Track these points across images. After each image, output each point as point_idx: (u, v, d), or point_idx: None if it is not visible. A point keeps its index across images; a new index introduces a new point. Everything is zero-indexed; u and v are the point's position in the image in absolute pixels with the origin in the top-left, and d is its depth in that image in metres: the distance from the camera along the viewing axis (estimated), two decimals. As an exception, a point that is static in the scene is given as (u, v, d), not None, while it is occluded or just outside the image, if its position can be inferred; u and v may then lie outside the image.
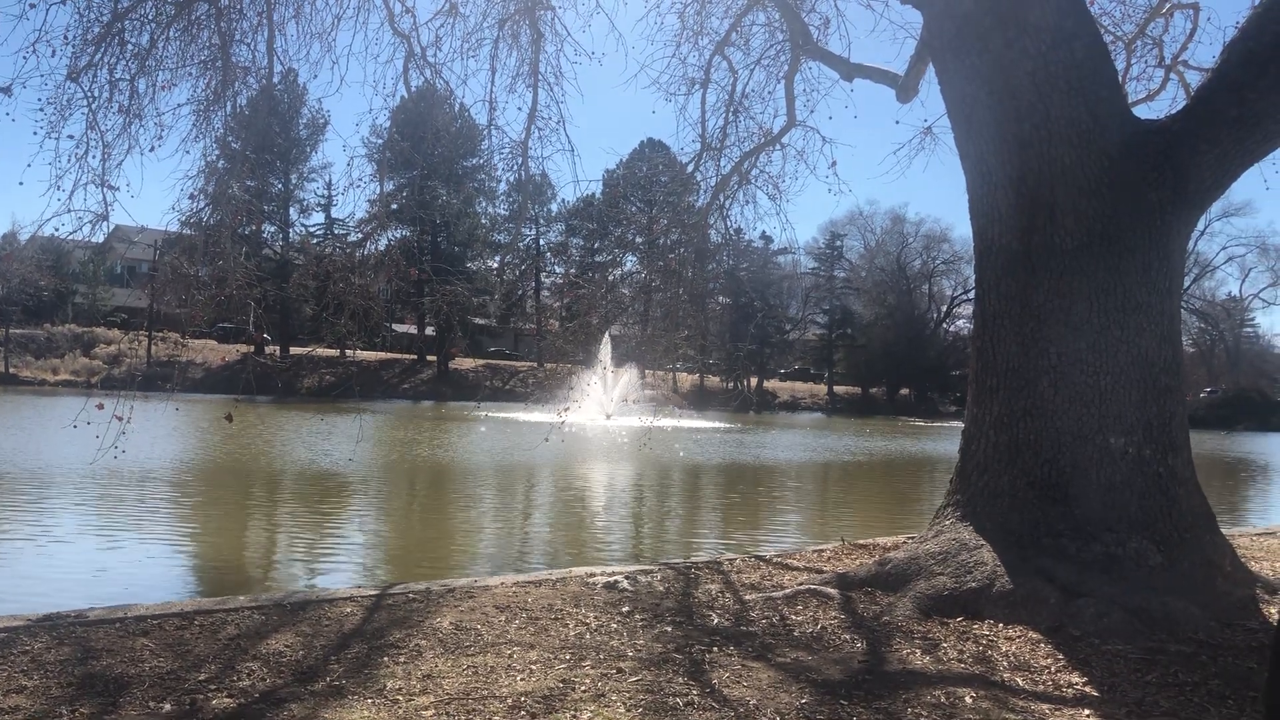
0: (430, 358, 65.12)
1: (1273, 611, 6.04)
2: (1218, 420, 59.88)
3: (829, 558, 8.12)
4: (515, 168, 11.12)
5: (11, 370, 53.79)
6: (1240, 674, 4.89)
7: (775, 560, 7.94)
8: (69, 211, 8.62)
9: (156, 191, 10.39)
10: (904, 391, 77.23)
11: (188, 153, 9.91)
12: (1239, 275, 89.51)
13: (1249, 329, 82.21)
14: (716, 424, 41.57)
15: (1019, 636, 5.42)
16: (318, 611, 5.90)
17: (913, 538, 7.65)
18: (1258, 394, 71.37)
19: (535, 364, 65.18)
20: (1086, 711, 4.37)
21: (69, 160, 8.70)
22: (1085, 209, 6.48)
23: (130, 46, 8.96)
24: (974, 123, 6.95)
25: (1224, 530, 6.88)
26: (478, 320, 65.94)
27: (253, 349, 54.41)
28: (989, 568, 5.97)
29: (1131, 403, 6.31)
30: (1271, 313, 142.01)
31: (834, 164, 11.62)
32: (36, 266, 51.91)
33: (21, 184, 10.04)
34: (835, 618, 5.88)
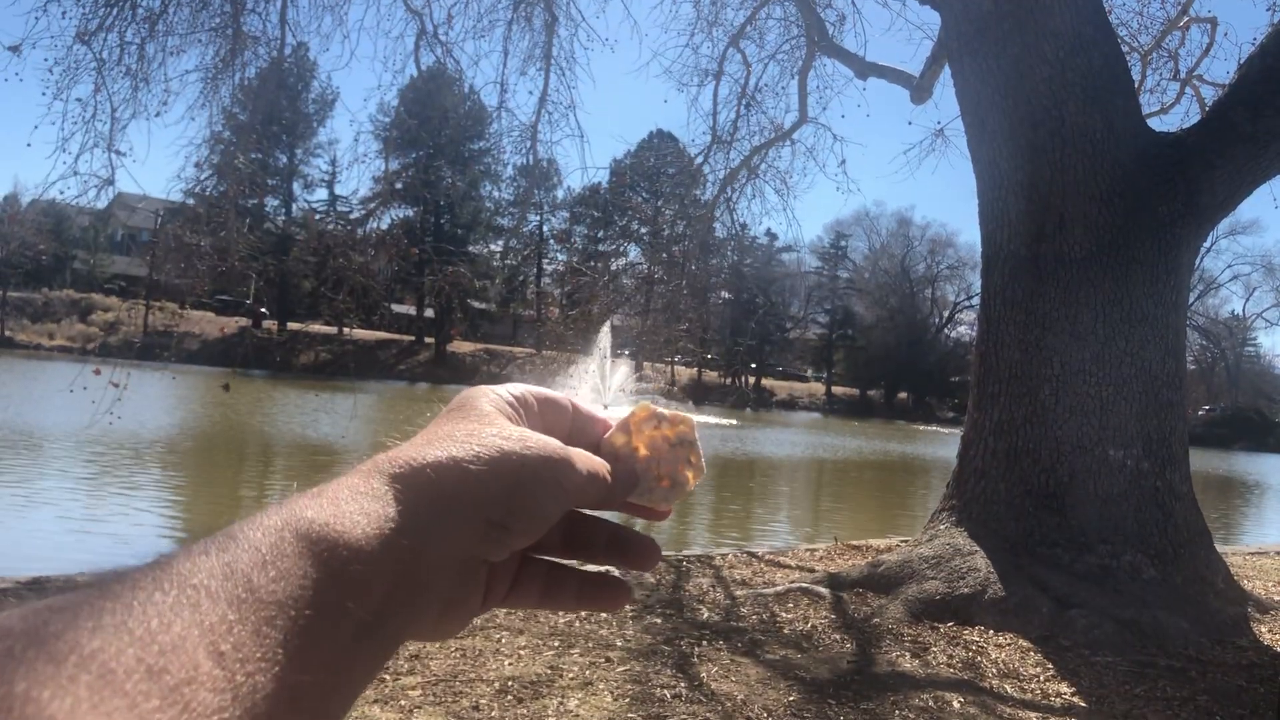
0: (428, 339, 65.07)
1: (1263, 630, 6.03)
2: (1215, 438, 59.81)
3: (821, 557, 8.10)
4: (524, 151, 11.09)
5: (7, 333, 53.68)
6: (1229, 691, 4.87)
7: (767, 557, 7.92)
8: (75, 175, 8.58)
9: (160, 158, 10.44)
10: (902, 395, 77.18)
11: (193, 119, 9.90)
12: (1243, 294, 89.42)
13: (1250, 348, 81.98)
14: (712, 419, 41.56)
15: (1009, 644, 5.40)
16: (306, 587, 5.86)
17: (906, 540, 7.63)
18: (1256, 414, 71.25)
19: (534, 350, 65.14)
20: (1074, 722, 4.35)
21: (76, 123, 8.65)
22: (1095, 218, 6.45)
23: (141, 9, 8.91)
24: (987, 126, 6.91)
25: (1218, 548, 6.86)
26: (477, 304, 65.83)
27: (251, 322, 54.33)
28: (982, 574, 5.95)
29: (1133, 415, 6.28)
30: (1274, 333, 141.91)
31: (843, 162, 11.61)
32: (37, 230, 51.74)
33: (30, 145, 10.04)
34: (825, 617, 5.86)
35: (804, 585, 6.47)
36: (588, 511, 0.58)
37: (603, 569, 0.60)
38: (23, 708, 0.30)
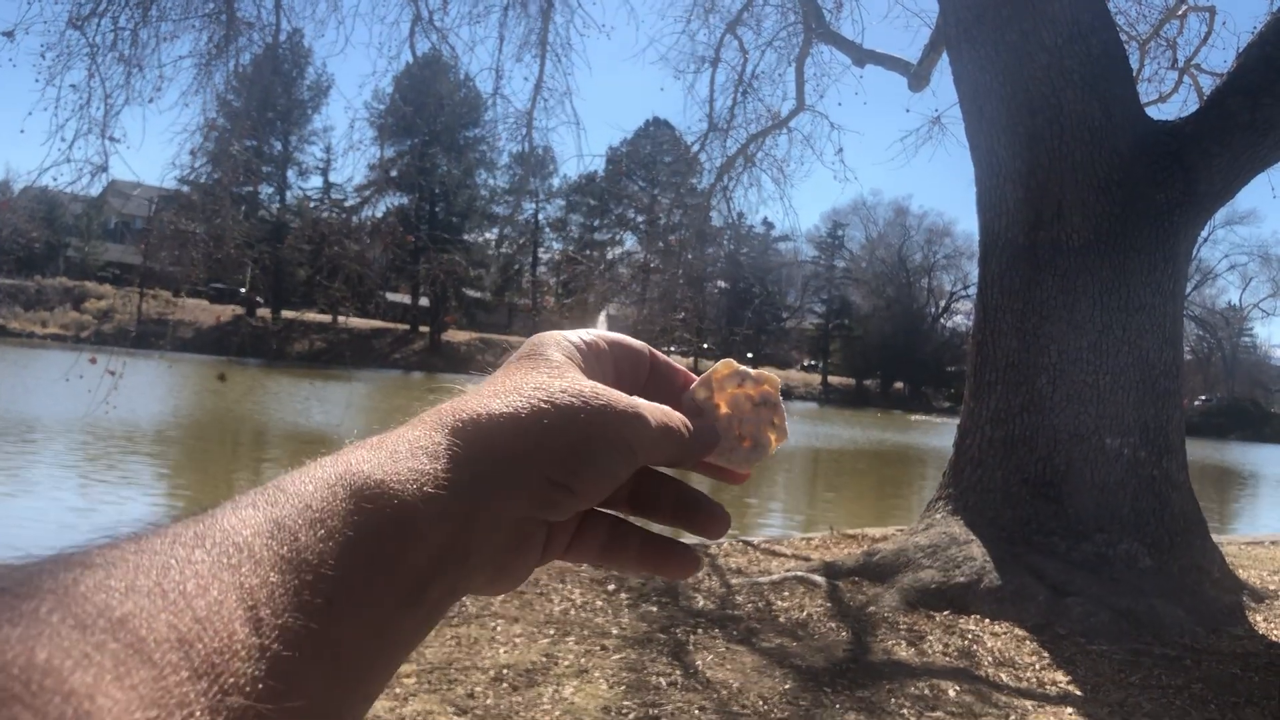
0: (423, 328, 64.98)
1: (1258, 619, 6.04)
2: (1211, 428, 59.93)
3: (817, 546, 8.10)
4: (519, 138, 11.05)
5: None
6: (1223, 679, 4.87)
7: (763, 546, 7.91)
8: (68, 161, 8.54)
9: (154, 145, 10.34)
10: (898, 385, 77.20)
11: (187, 106, 9.85)
12: (1240, 284, 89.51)
13: (1247, 338, 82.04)
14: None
15: (1005, 633, 5.40)
16: (301, 575, 5.85)
17: (902, 529, 7.63)
18: (1252, 404, 71.38)
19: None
20: (1069, 710, 4.35)
21: (70, 109, 8.61)
22: (1093, 206, 6.43)
23: (134, -6, 8.85)
24: (985, 114, 6.88)
25: (1213, 537, 6.87)
26: (472, 293, 65.74)
27: (245, 310, 54.23)
28: (978, 563, 5.94)
29: (1130, 404, 6.28)
30: (1270, 323, 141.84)
31: (840, 150, 11.60)
32: (29, 217, 51.50)
33: (23, 132, 9.96)
34: (821, 606, 5.85)
35: (799, 574, 6.47)
36: (658, 469, 0.56)
37: (670, 533, 0.57)
38: (42, 679, 0.28)
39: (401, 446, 0.44)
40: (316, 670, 0.36)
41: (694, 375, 0.59)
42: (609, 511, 0.55)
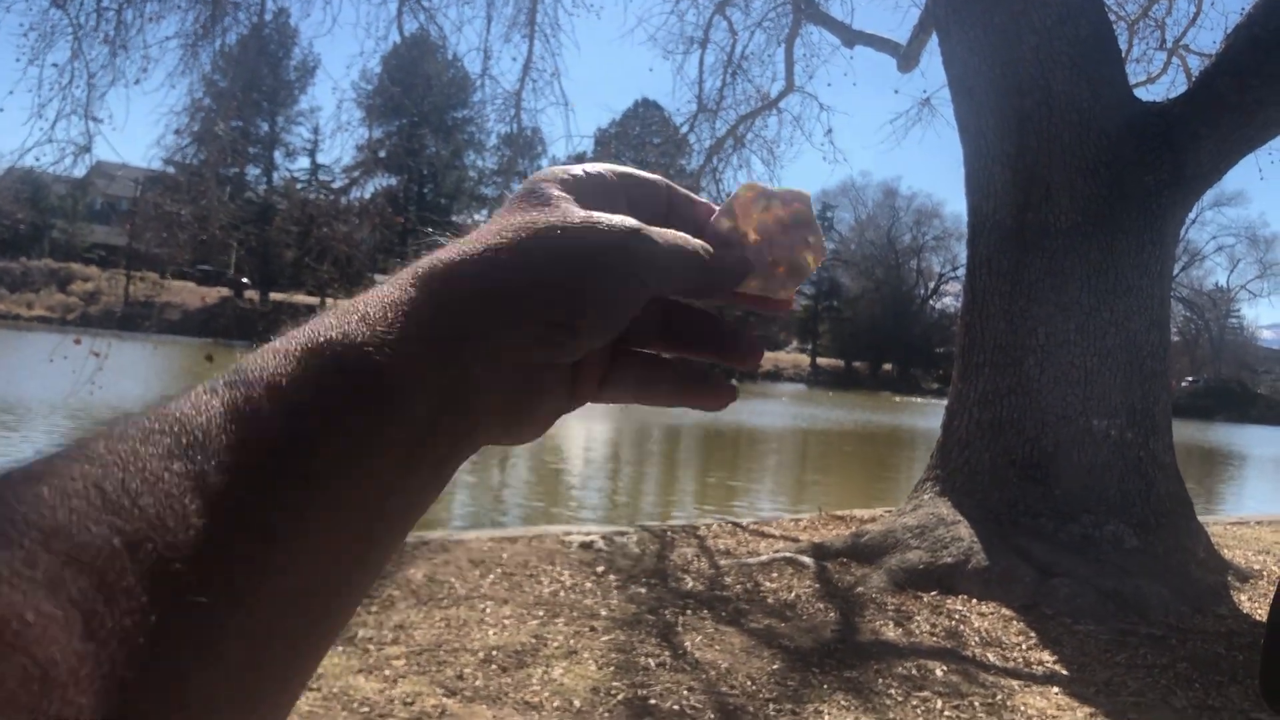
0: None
1: (1243, 599, 6.09)
2: (1198, 410, 60.22)
3: (805, 527, 8.12)
4: (508, 119, 11.00)
5: (-14, 303, 53.09)
6: (1208, 658, 4.92)
7: (751, 527, 7.94)
8: (50, 142, 8.46)
9: (140, 126, 10.28)
10: (887, 366, 77.40)
11: (173, 87, 9.80)
12: (1227, 265, 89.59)
13: (1234, 320, 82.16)
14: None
15: (992, 613, 5.44)
16: (290, 558, 5.84)
17: (890, 511, 7.66)
18: (1239, 385, 71.72)
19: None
20: (1055, 689, 4.39)
21: (52, 89, 8.53)
22: (1081, 188, 6.43)
23: (117, -27, 8.76)
24: (974, 96, 6.87)
25: (1199, 518, 6.92)
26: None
27: (233, 292, 53.99)
28: (965, 544, 5.97)
29: (1117, 386, 6.30)
30: (1257, 304, 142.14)
31: (830, 131, 11.57)
32: (13, 198, 51.01)
33: (2, 110, 9.88)
34: (809, 587, 5.88)
35: (788, 555, 6.49)
36: (689, 302, 0.53)
37: (704, 364, 0.54)
38: None
39: (372, 306, 0.40)
40: (301, 556, 0.33)
41: (715, 206, 0.55)
42: (639, 350, 0.52)
